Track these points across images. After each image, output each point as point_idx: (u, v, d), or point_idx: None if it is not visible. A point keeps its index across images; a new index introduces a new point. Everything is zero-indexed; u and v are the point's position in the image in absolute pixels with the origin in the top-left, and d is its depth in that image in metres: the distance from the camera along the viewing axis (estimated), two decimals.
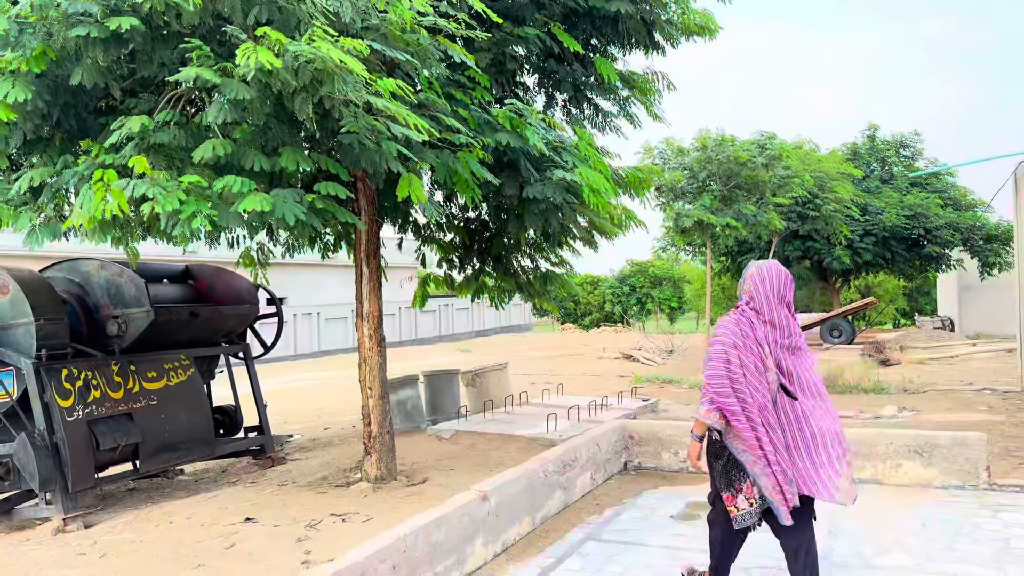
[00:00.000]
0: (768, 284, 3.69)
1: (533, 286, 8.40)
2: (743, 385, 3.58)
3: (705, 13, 6.75)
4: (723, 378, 3.59)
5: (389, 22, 4.48)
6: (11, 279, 6.29)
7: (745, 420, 3.57)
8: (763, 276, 3.71)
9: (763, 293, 3.68)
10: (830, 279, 25.79)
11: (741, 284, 3.83)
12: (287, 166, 4.43)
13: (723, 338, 3.65)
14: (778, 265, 3.77)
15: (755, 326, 3.66)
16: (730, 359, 3.60)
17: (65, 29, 4.04)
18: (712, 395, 3.60)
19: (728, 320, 3.72)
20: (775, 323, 3.66)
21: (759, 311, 3.68)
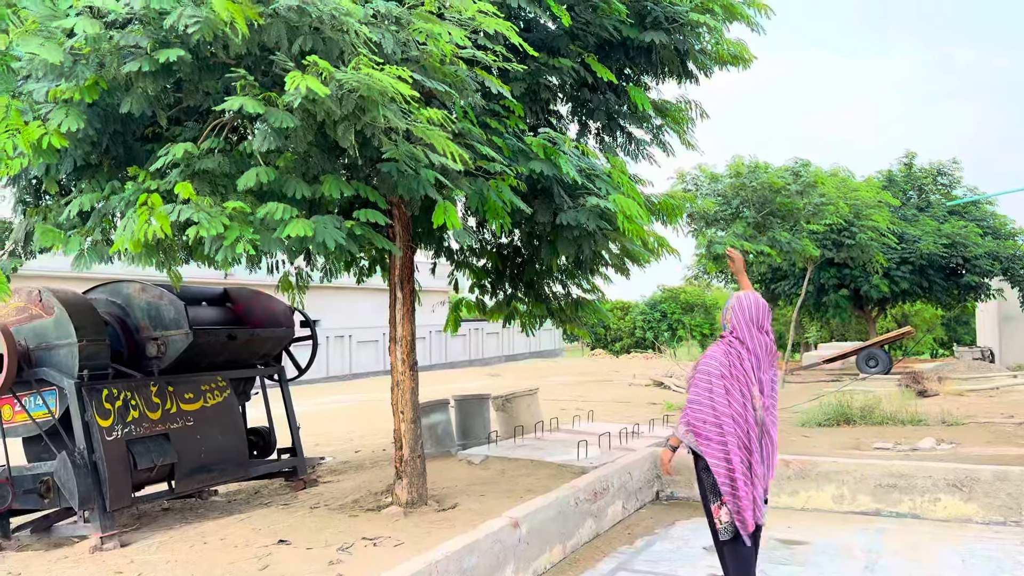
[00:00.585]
0: (747, 313, 4.06)
1: (564, 312, 8.42)
2: (724, 414, 3.90)
3: (739, 43, 6.78)
4: (704, 406, 3.94)
5: (429, 54, 4.58)
6: (56, 301, 6.46)
7: (718, 448, 3.90)
8: (742, 306, 4.08)
9: (743, 322, 4.04)
10: (866, 308, 25.41)
11: (723, 314, 4.19)
12: (329, 193, 4.53)
13: (711, 368, 3.98)
14: (756, 295, 4.17)
15: (742, 357, 3.99)
16: (713, 388, 3.93)
17: (117, 61, 4.19)
18: (691, 419, 3.97)
19: (717, 351, 4.04)
20: (754, 351, 4.01)
21: (742, 340, 4.02)
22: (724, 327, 4.18)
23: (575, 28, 6.17)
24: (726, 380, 3.97)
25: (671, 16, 6.32)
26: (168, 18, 3.91)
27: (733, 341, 4.06)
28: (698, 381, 4.01)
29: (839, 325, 31.76)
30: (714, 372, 3.96)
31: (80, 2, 4.19)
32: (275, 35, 4.14)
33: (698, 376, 4.03)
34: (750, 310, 4.09)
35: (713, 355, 4.06)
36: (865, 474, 6.41)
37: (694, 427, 3.98)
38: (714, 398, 3.95)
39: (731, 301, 4.18)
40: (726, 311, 4.17)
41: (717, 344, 4.13)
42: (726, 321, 4.16)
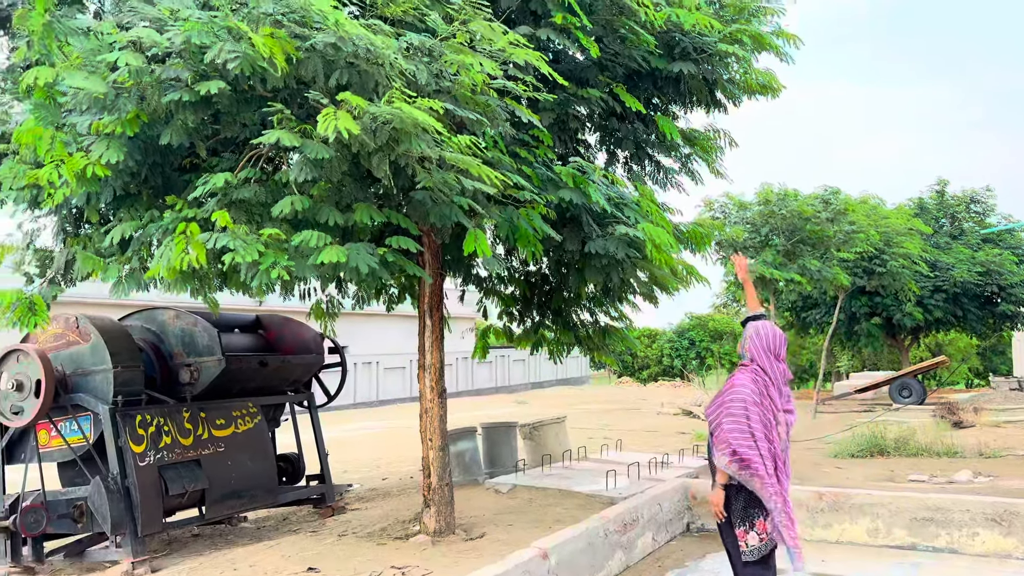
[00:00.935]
0: (765, 343, 4.22)
1: (592, 340, 8.40)
2: (761, 439, 4.00)
3: (768, 72, 6.79)
4: (746, 432, 4.02)
5: (461, 84, 4.65)
6: (92, 327, 6.59)
7: (768, 474, 4.01)
8: (760, 336, 4.24)
9: (762, 351, 4.19)
10: (899, 336, 25.01)
11: (741, 344, 4.34)
12: (361, 221, 4.60)
13: (744, 396, 4.09)
14: (772, 325, 4.35)
15: (767, 384, 4.13)
16: (750, 415, 4.04)
17: (158, 94, 4.30)
18: (735, 447, 4.03)
19: (745, 378, 4.16)
20: (774, 379, 4.16)
21: (764, 368, 4.16)
22: (743, 356, 4.31)
23: (604, 59, 6.23)
24: (759, 407, 4.08)
25: (699, 47, 6.36)
26: (209, 52, 4.02)
27: (757, 369, 4.17)
28: (734, 410, 4.09)
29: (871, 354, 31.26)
30: (749, 400, 4.11)
31: (124, 37, 4.33)
32: (312, 69, 4.24)
33: (733, 405, 4.11)
34: (768, 340, 4.23)
35: (744, 383, 4.17)
36: (900, 507, 6.28)
37: (742, 454, 4.03)
38: (752, 425, 4.05)
39: (748, 331, 4.31)
40: (744, 341, 4.32)
41: (743, 372, 4.25)
42: (744, 350, 4.29)
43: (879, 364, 32.84)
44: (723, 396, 4.23)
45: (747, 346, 4.27)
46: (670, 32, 6.34)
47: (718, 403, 4.26)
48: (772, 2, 6.64)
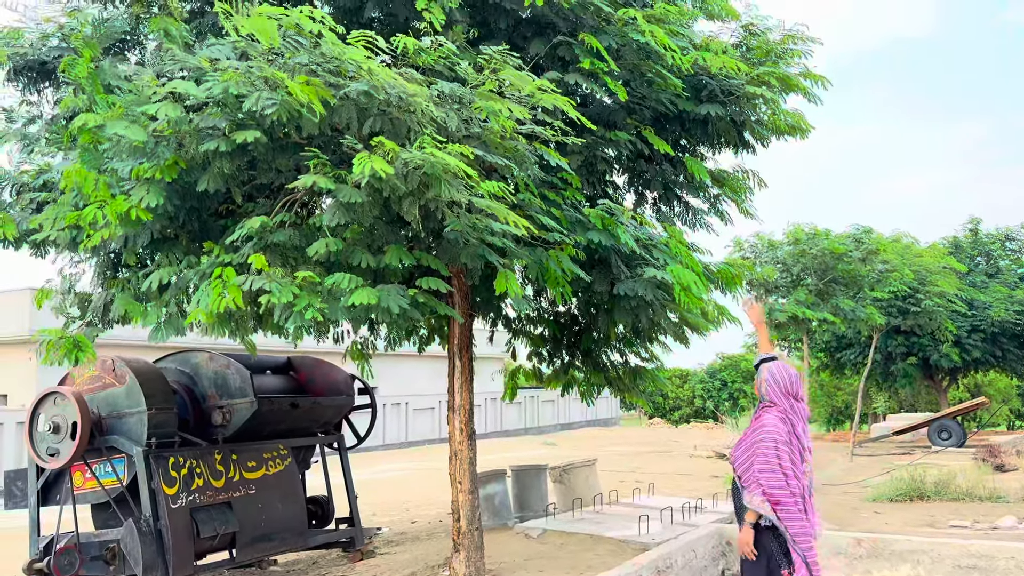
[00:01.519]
0: (781, 385, 4.24)
1: (622, 381, 8.34)
2: (792, 478, 4.03)
3: (796, 113, 6.81)
4: (777, 472, 4.04)
5: (490, 130, 4.72)
6: (128, 369, 6.69)
7: (798, 514, 4.02)
8: (776, 379, 4.26)
9: (780, 394, 4.22)
10: (936, 377, 24.49)
11: (758, 386, 4.37)
12: (391, 263, 4.66)
13: (775, 436, 4.11)
14: (786, 366, 4.36)
15: (793, 424, 4.16)
16: (780, 455, 4.06)
17: (196, 142, 4.43)
18: (766, 487, 4.03)
19: (774, 419, 4.19)
20: (790, 417, 4.19)
21: (784, 409, 4.19)
22: (762, 399, 4.34)
23: (631, 102, 6.29)
24: (788, 448, 4.12)
25: (727, 89, 6.40)
26: (247, 101, 4.13)
27: (786, 410, 4.22)
28: (766, 450, 4.14)
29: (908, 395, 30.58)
30: (780, 439, 4.16)
31: (163, 88, 4.47)
32: (345, 116, 4.34)
33: (764, 445, 4.14)
34: (784, 382, 4.28)
35: (773, 423, 4.25)
36: (942, 554, 6.08)
37: (773, 495, 4.04)
38: (783, 465, 4.08)
39: (763, 375, 4.35)
40: (760, 384, 4.36)
41: (769, 413, 4.34)
42: (763, 393, 4.33)
43: (917, 405, 32.09)
44: (752, 437, 4.23)
45: (764, 389, 4.32)
46: (697, 75, 6.39)
47: (747, 444, 4.28)
48: (799, 44, 6.67)
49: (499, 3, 5.89)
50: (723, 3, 6.67)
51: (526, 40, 6.07)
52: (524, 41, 6.07)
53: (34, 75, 6.43)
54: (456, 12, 5.61)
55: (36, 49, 6.22)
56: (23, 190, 6.44)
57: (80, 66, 4.55)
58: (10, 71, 6.23)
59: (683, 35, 6.19)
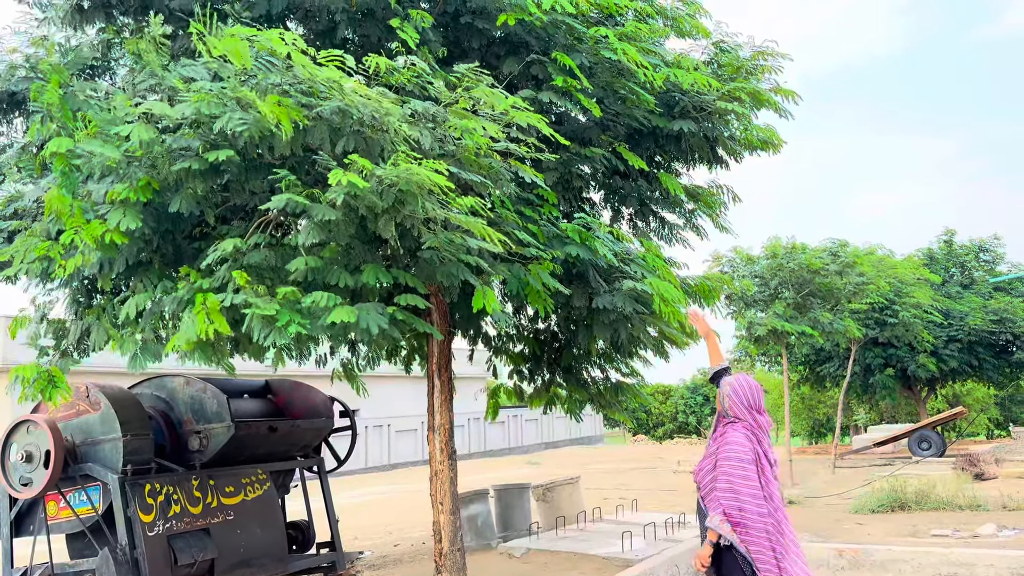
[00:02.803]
0: (744, 399, 4.12)
1: (604, 397, 8.34)
2: (759, 498, 3.89)
3: (768, 128, 6.89)
4: (742, 493, 3.90)
5: (464, 148, 4.74)
6: (103, 396, 6.59)
7: (762, 536, 3.86)
8: (738, 393, 4.15)
9: (743, 407, 4.11)
10: (915, 388, 24.71)
11: (721, 400, 4.23)
12: (369, 281, 4.64)
13: (740, 454, 3.98)
14: (748, 378, 4.24)
15: (759, 439, 4.06)
16: (748, 475, 3.93)
17: (168, 163, 4.40)
18: (727, 508, 3.90)
19: (739, 436, 4.06)
20: (755, 432, 4.07)
21: (749, 424, 4.08)
22: (725, 414, 4.21)
23: (605, 119, 6.34)
24: (755, 464, 4.00)
25: (699, 105, 6.48)
26: (218, 121, 4.12)
27: (751, 425, 4.12)
28: (731, 469, 3.98)
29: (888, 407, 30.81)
30: (745, 458, 3.99)
31: (136, 110, 4.45)
32: (319, 136, 4.34)
33: (730, 464, 4.01)
34: (747, 395, 4.17)
35: (738, 441, 4.08)
36: (923, 563, 6.12)
37: (731, 517, 3.93)
38: (750, 484, 3.95)
39: (725, 388, 4.24)
40: (723, 398, 4.23)
41: (735, 429, 4.15)
42: (725, 408, 4.20)
43: (897, 417, 32.35)
44: (716, 456, 4.11)
45: (727, 404, 4.20)
46: (670, 92, 6.46)
47: (710, 464, 4.15)
48: (769, 60, 6.77)
49: (471, 23, 5.93)
50: (694, 21, 6.76)
51: (499, 59, 6.12)
52: (497, 60, 6.11)
53: (3, 106, 6.39)
54: (429, 32, 5.64)
55: (4, 80, 6.18)
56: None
57: (49, 92, 4.52)
58: None
59: (655, 53, 6.26)
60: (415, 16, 5.43)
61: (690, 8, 6.84)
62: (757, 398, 4.18)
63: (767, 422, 4.20)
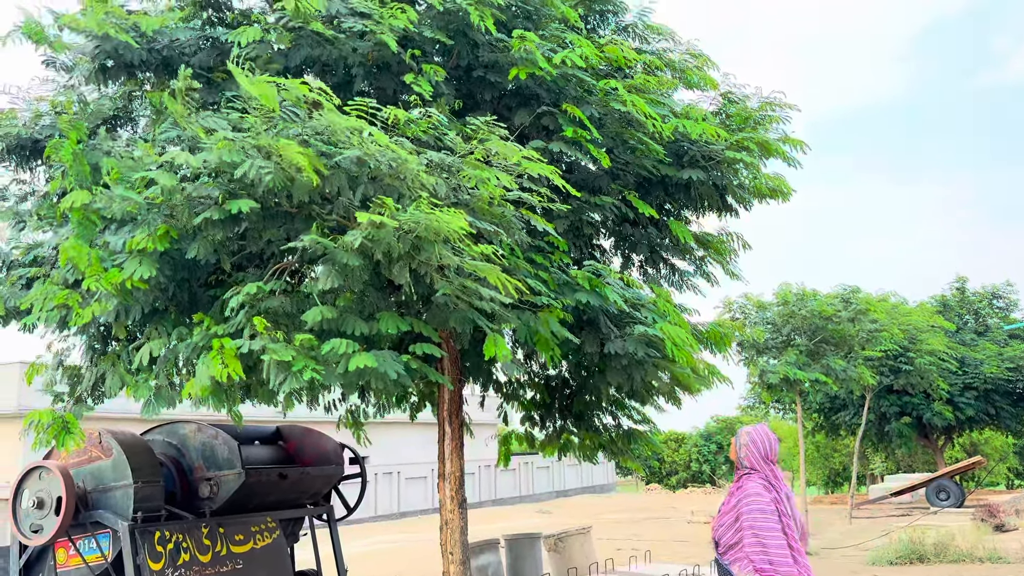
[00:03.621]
0: (760, 449, 4.13)
1: (616, 444, 8.29)
2: (785, 547, 3.85)
3: (778, 177, 6.97)
4: (770, 546, 3.84)
5: (478, 197, 4.83)
6: (115, 442, 6.61)
7: None
8: (755, 443, 4.14)
9: (759, 458, 4.10)
10: (931, 436, 24.37)
11: (737, 450, 4.22)
12: (385, 329, 4.69)
13: (763, 505, 3.96)
14: (764, 428, 4.23)
15: (777, 490, 4.04)
16: (772, 525, 3.89)
17: (188, 211, 4.50)
18: (757, 564, 3.83)
19: (757, 487, 4.04)
20: (771, 482, 4.05)
21: (766, 475, 4.07)
22: (741, 465, 4.20)
23: (615, 168, 6.44)
24: (776, 516, 3.96)
25: (708, 155, 6.57)
26: (239, 168, 4.22)
27: (768, 475, 4.11)
28: (755, 522, 3.94)
29: (905, 455, 30.38)
30: (767, 509, 3.96)
31: (159, 159, 4.57)
32: (336, 184, 4.43)
33: (753, 517, 3.97)
34: (763, 446, 4.18)
35: (758, 492, 4.05)
36: None
37: (764, 572, 3.86)
38: (775, 536, 3.90)
39: (742, 438, 4.24)
40: (740, 448, 4.23)
41: (752, 481, 4.13)
42: (741, 459, 4.20)
43: (914, 466, 31.86)
44: (737, 509, 4.07)
45: (743, 454, 4.20)
46: (678, 141, 6.57)
47: (730, 517, 4.10)
48: (777, 111, 6.88)
49: (484, 76, 6.08)
50: (701, 73, 6.90)
51: (510, 110, 6.25)
52: (508, 111, 6.24)
53: (26, 153, 6.55)
54: (443, 85, 5.78)
55: (29, 128, 6.34)
56: (13, 266, 6.48)
57: (65, 149, 4.65)
58: (2, 151, 6.32)
59: (663, 104, 6.38)
60: (429, 70, 5.57)
61: (698, 60, 6.98)
62: (773, 449, 4.18)
63: (780, 473, 4.20)
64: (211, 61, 5.89)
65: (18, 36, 5.75)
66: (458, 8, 5.57)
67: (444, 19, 5.84)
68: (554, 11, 6.19)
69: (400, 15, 5.31)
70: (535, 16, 6.25)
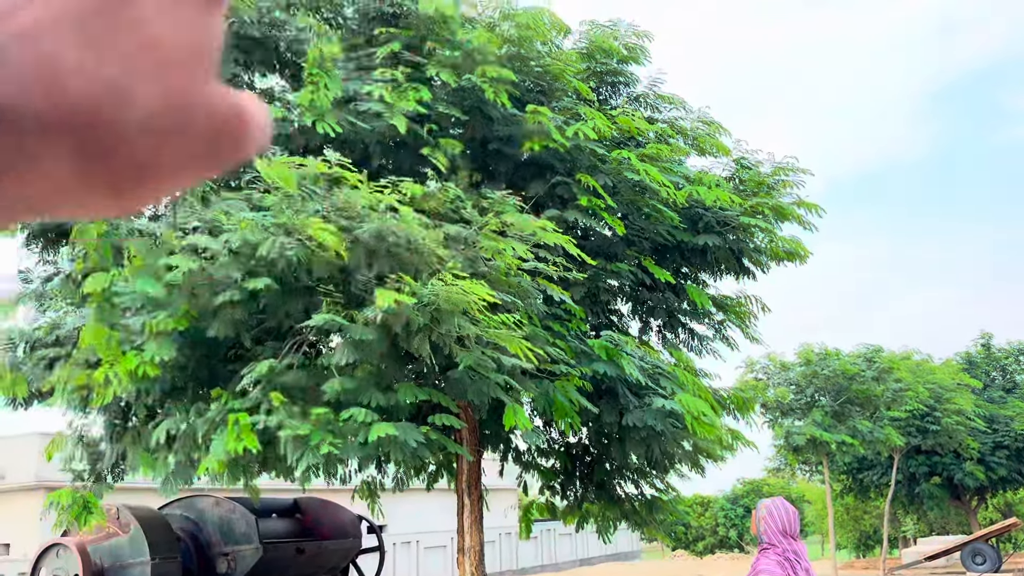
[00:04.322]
0: (775, 519, 4.07)
1: (639, 513, 8.10)
2: None
3: (794, 240, 6.97)
4: None
5: (495, 268, 4.86)
6: (133, 518, 6.58)
7: None
8: (774, 517, 4.09)
9: (774, 530, 4.03)
10: (964, 497, 23.67)
11: (756, 524, 4.18)
12: (404, 400, 4.68)
13: None
14: (783, 501, 4.17)
15: (793, 564, 3.95)
16: None
17: (209, 292, 4.55)
18: None
19: (770, 564, 3.97)
20: (789, 558, 3.96)
21: (784, 549, 3.98)
22: (760, 539, 4.15)
23: (630, 235, 6.48)
24: None
25: (722, 220, 6.60)
26: (261, 247, 4.28)
27: (786, 552, 4.03)
28: None
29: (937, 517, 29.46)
30: None
31: (181, 242, 4.64)
32: (355, 259, 4.48)
33: None
34: (783, 521, 4.11)
35: (770, 570, 3.97)
36: None
37: None
38: None
39: (760, 511, 4.20)
40: (758, 522, 4.19)
41: (767, 556, 4.08)
42: (760, 532, 4.15)
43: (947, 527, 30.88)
44: None
45: (761, 528, 4.14)
46: (693, 208, 6.61)
47: None
48: (790, 175, 6.92)
49: (499, 149, 6.19)
50: (714, 140, 6.98)
51: (525, 180, 6.34)
52: (523, 182, 6.33)
53: (51, 236, 6.67)
54: (459, 157, 5.88)
55: None
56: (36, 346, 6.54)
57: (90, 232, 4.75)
58: (27, 235, 6.45)
59: (676, 171, 6.44)
60: (445, 144, 5.68)
61: (710, 127, 7.07)
62: (793, 524, 4.10)
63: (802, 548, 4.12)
64: None
65: None
66: (473, 85, 5.71)
67: (459, 96, 5.98)
68: (566, 85, 6.33)
69: (412, 94, 5.44)
70: (548, 90, 6.39)
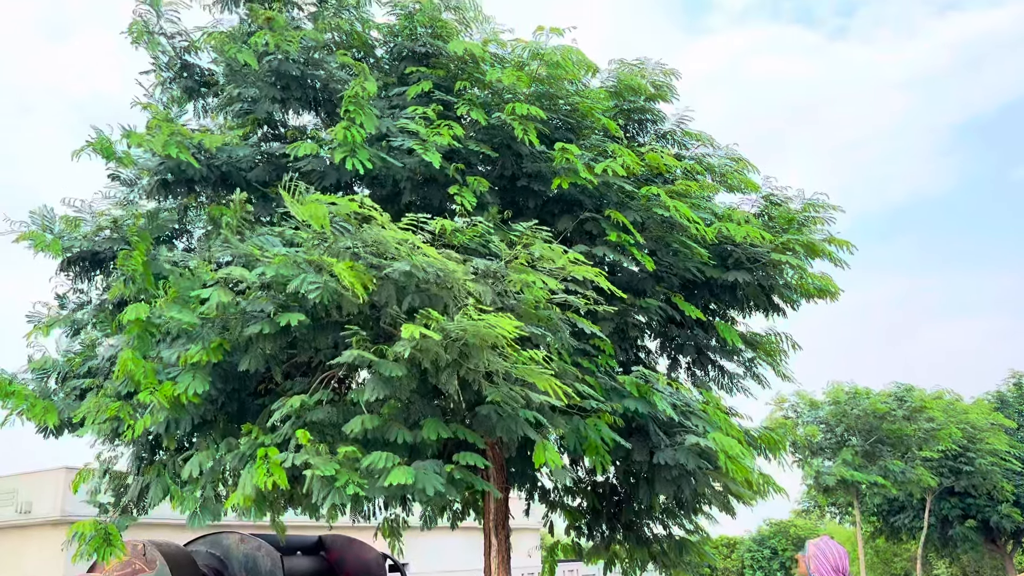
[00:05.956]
0: (826, 557, 4.25)
1: (668, 556, 7.94)
2: None
3: (824, 277, 6.89)
4: None
5: (524, 301, 4.84)
6: (159, 554, 6.55)
7: None
8: (824, 555, 4.27)
9: (826, 568, 4.21)
10: (999, 540, 22.99)
11: (806, 562, 4.37)
12: (429, 436, 4.65)
13: None
14: (832, 541, 4.36)
15: None
16: None
17: (241, 325, 4.58)
18: None
19: None
20: None
21: None
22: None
23: (659, 271, 6.44)
24: None
25: (752, 256, 6.55)
26: (292, 283, 4.31)
27: None
28: None
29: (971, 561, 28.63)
30: None
31: (216, 274, 4.69)
32: (385, 295, 4.50)
33: None
34: (835, 558, 4.26)
35: None
36: None
37: None
38: None
39: (809, 549, 4.37)
40: (808, 560, 4.35)
41: None
42: (812, 571, 4.31)
43: (982, 572, 29.96)
44: None
45: (813, 566, 4.30)
46: (722, 244, 6.57)
47: None
48: (820, 212, 6.88)
49: (527, 185, 6.21)
50: (742, 176, 6.96)
51: (554, 216, 6.34)
52: (552, 218, 6.33)
53: (86, 264, 6.77)
54: (487, 195, 5.91)
55: (89, 241, 6.58)
56: (68, 376, 6.60)
57: (135, 258, 4.82)
58: (64, 261, 6.55)
59: (705, 207, 6.42)
60: (473, 182, 5.71)
61: (738, 164, 7.06)
62: (843, 561, 4.22)
63: None
64: (267, 176, 6.11)
65: (88, 152, 6.06)
66: (502, 123, 5.75)
67: (489, 133, 6.02)
68: (595, 123, 6.36)
69: (445, 131, 5.49)
70: (577, 127, 6.42)
